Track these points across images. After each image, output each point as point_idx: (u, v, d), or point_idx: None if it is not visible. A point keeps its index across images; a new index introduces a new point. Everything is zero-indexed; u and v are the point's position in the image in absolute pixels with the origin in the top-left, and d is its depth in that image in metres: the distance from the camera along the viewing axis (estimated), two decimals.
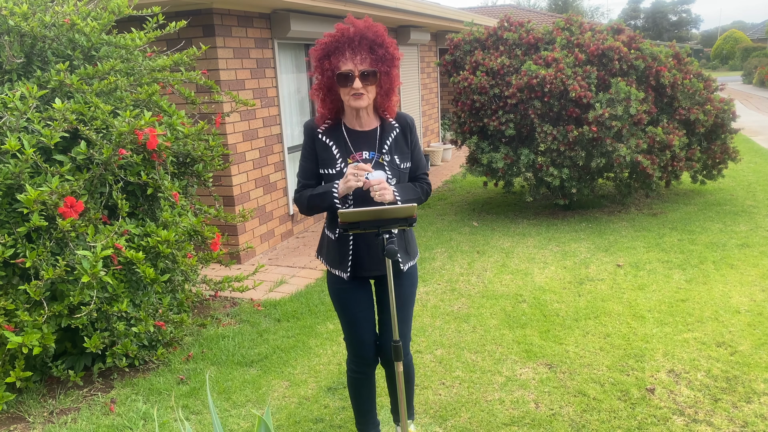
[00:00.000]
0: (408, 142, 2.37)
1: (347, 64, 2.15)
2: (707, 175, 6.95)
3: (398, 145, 2.34)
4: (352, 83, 2.15)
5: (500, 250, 5.62)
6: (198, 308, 4.60)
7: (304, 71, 6.85)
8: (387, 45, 2.19)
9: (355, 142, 2.31)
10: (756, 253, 5.17)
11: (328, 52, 2.19)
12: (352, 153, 2.30)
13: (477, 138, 6.62)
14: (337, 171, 2.30)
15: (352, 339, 2.48)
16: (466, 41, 7.07)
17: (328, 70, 2.19)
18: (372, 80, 2.18)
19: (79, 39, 3.54)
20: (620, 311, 4.14)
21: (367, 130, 2.33)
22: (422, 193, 2.41)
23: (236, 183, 5.54)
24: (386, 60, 2.19)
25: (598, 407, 3.02)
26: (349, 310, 2.43)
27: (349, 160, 2.29)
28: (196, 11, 5.16)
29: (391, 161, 2.30)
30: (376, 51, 2.17)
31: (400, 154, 2.34)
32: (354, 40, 2.15)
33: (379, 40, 2.18)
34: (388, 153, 2.31)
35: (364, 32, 2.16)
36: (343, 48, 2.15)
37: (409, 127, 2.37)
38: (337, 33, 2.18)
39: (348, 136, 2.32)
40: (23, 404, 3.28)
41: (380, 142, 2.32)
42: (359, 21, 2.20)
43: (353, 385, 2.59)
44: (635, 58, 6.13)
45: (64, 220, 2.93)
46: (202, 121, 3.96)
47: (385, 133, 2.33)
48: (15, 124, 3.05)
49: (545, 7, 54.13)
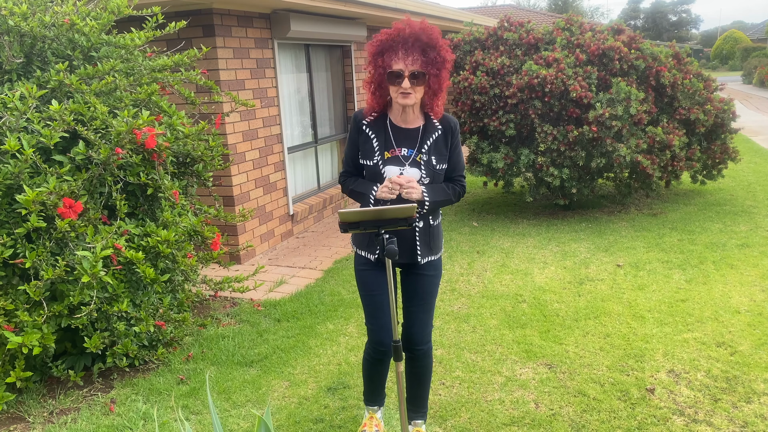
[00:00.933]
0: (448, 144, 2.44)
1: (399, 64, 2.24)
2: (707, 175, 6.95)
3: (437, 147, 2.41)
4: (402, 82, 2.25)
5: (500, 250, 5.62)
6: (198, 308, 4.60)
7: (304, 71, 6.85)
8: (439, 48, 2.27)
9: (397, 137, 2.41)
10: (756, 253, 5.17)
11: (382, 49, 2.28)
12: (392, 148, 2.39)
13: (477, 138, 6.62)
14: (374, 163, 2.39)
15: (373, 323, 2.53)
16: (466, 41, 7.07)
17: (380, 67, 2.29)
18: (421, 81, 2.27)
19: (78, 39, 3.54)
20: (620, 311, 4.14)
21: (411, 128, 2.42)
22: (453, 194, 2.48)
23: (236, 183, 5.54)
24: (437, 63, 2.27)
25: (598, 407, 3.02)
26: (372, 292, 2.50)
27: (386, 154, 2.39)
28: (196, 11, 5.16)
29: (427, 161, 2.38)
30: (428, 53, 2.25)
31: (438, 155, 2.41)
32: (408, 41, 2.24)
33: (432, 42, 2.25)
34: (426, 153, 2.38)
35: (419, 34, 2.24)
36: (397, 47, 2.24)
37: (451, 131, 2.44)
38: (393, 32, 2.27)
39: (391, 130, 2.41)
40: (23, 404, 3.28)
41: (422, 141, 2.40)
42: (415, 22, 2.28)
43: (368, 366, 2.68)
44: (635, 58, 6.13)
45: (62, 220, 2.93)
46: (202, 121, 3.96)
47: (427, 133, 2.41)
48: (15, 124, 3.05)
49: (545, 7, 54.14)
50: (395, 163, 2.39)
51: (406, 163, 2.37)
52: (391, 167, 2.38)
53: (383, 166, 2.38)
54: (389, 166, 2.38)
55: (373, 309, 2.51)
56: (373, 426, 2.80)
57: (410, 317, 2.57)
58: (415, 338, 2.57)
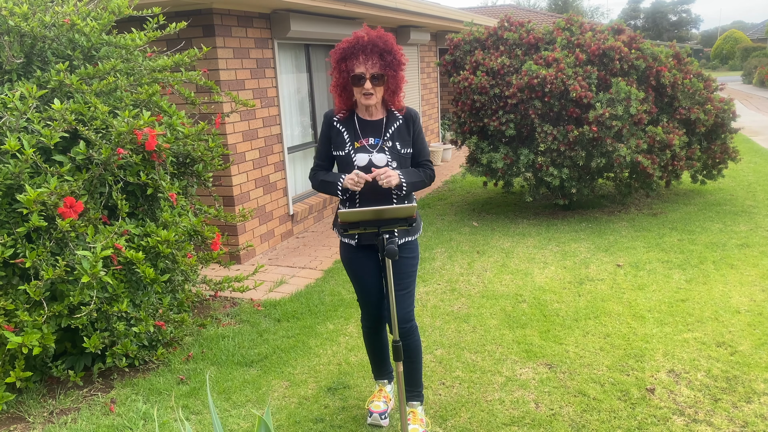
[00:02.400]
0: (410, 131, 2.72)
1: (360, 68, 2.53)
2: (707, 174, 6.95)
3: (400, 134, 2.70)
4: (364, 83, 2.54)
5: (500, 250, 5.62)
6: (198, 308, 4.60)
7: (304, 71, 6.85)
8: (395, 52, 2.58)
9: (364, 129, 2.70)
10: (756, 253, 5.17)
11: (345, 55, 2.56)
12: (360, 138, 2.68)
13: (477, 138, 6.62)
14: (345, 153, 2.67)
15: (362, 300, 2.86)
16: (466, 41, 7.07)
17: (344, 72, 2.58)
18: (380, 82, 2.57)
19: (79, 39, 3.54)
20: (620, 311, 4.14)
21: (375, 120, 2.71)
22: (425, 176, 2.74)
23: (236, 183, 5.54)
24: (393, 65, 2.57)
25: (598, 407, 3.02)
26: (358, 276, 2.80)
27: (356, 144, 2.68)
28: (196, 11, 5.16)
29: (392, 147, 2.67)
30: (385, 57, 2.55)
31: (401, 141, 2.69)
32: (367, 48, 2.52)
33: (388, 47, 2.55)
34: (390, 139, 2.68)
35: (376, 41, 2.53)
36: (358, 53, 2.53)
37: (412, 119, 2.74)
38: (353, 39, 2.55)
39: (359, 124, 2.70)
40: (23, 404, 3.28)
41: (384, 130, 2.70)
42: (372, 31, 2.59)
43: (367, 339, 2.97)
44: (636, 58, 6.13)
45: (63, 220, 2.93)
46: (202, 121, 3.97)
47: (389, 122, 2.71)
48: (15, 124, 3.05)
49: (545, 7, 54.13)
50: (364, 151, 2.66)
51: (374, 150, 2.65)
52: (361, 155, 2.65)
53: (354, 153, 2.67)
54: (359, 154, 2.66)
55: (360, 288, 2.82)
56: (381, 398, 3.03)
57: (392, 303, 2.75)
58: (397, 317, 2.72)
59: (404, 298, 2.74)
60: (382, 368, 3.08)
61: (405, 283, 2.74)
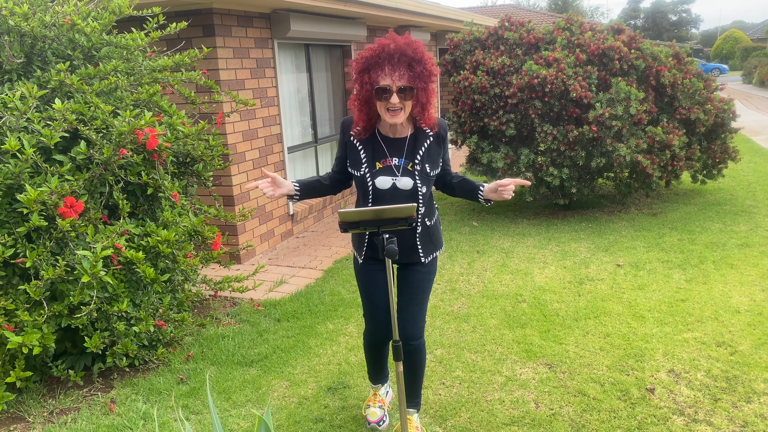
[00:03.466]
0: (441, 150, 2.47)
1: (386, 80, 2.21)
2: (707, 174, 6.95)
3: (430, 155, 2.42)
4: (390, 98, 2.22)
5: (500, 250, 5.62)
6: (198, 308, 4.60)
7: (304, 71, 6.85)
8: (425, 62, 2.25)
9: (388, 147, 2.41)
10: (756, 253, 5.17)
11: (368, 66, 2.25)
12: (384, 158, 2.40)
13: (477, 138, 6.62)
14: (361, 174, 2.41)
15: (369, 316, 2.67)
16: (466, 41, 7.07)
17: (367, 84, 2.26)
18: (409, 95, 2.25)
19: (79, 39, 3.54)
20: (620, 311, 4.14)
21: (400, 137, 2.41)
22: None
23: (236, 183, 5.54)
24: (423, 76, 2.25)
25: (598, 407, 3.02)
26: (367, 290, 2.62)
27: (378, 165, 2.39)
28: (196, 11, 5.16)
29: (422, 170, 2.39)
30: (414, 68, 2.23)
31: (431, 162, 2.42)
32: (394, 57, 2.21)
33: (418, 56, 2.23)
34: (420, 162, 2.39)
35: (404, 49, 2.22)
36: (383, 63, 2.21)
37: (443, 136, 2.47)
38: (378, 48, 2.23)
39: (382, 141, 2.41)
40: (23, 404, 3.29)
41: (413, 151, 2.40)
42: (399, 37, 2.26)
43: (368, 348, 2.82)
44: (636, 57, 6.13)
45: (63, 220, 2.93)
46: (202, 121, 3.97)
47: (418, 141, 2.41)
48: (15, 124, 3.05)
49: (545, 7, 54.13)
50: (388, 173, 2.37)
51: (399, 173, 2.37)
52: (383, 178, 2.37)
53: (371, 178, 2.38)
54: (381, 177, 2.37)
55: (369, 304, 2.64)
56: (376, 402, 2.98)
57: (403, 312, 2.63)
58: (407, 333, 2.62)
59: (417, 313, 2.58)
60: (380, 374, 2.99)
61: (419, 298, 2.58)
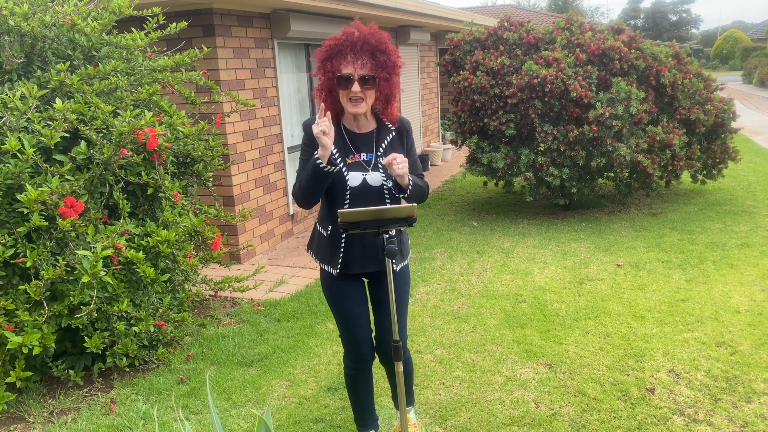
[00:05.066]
0: (404, 145, 2.41)
1: (348, 68, 2.18)
2: (707, 174, 6.95)
3: (393, 148, 2.38)
4: (352, 86, 2.19)
5: (500, 250, 5.62)
6: (198, 308, 4.60)
7: (304, 71, 6.85)
8: (389, 52, 2.23)
9: (355, 142, 2.36)
10: (756, 253, 5.17)
11: (331, 54, 2.22)
12: (351, 154, 2.34)
13: (477, 138, 6.62)
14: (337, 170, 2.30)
15: (347, 335, 2.48)
16: (466, 41, 7.07)
17: (330, 72, 2.23)
18: (371, 85, 2.22)
19: (79, 39, 3.54)
20: (620, 311, 4.14)
21: (365, 132, 2.37)
22: (425, 185, 2.43)
23: (236, 183, 5.54)
24: (387, 67, 2.22)
25: (598, 407, 3.02)
26: (342, 307, 2.45)
27: (348, 159, 2.32)
28: (196, 11, 5.16)
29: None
30: (377, 57, 2.21)
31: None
32: (357, 45, 2.19)
33: (382, 46, 2.21)
34: (383, 155, 2.35)
35: (368, 38, 2.20)
36: (346, 51, 2.19)
37: (405, 131, 2.42)
38: (342, 36, 2.21)
39: (347, 136, 2.36)
40: (23, 404, 3.29)
41: (376, 145, 2.36)
42: (364, 27, 2.24)
43: (350, 381, 2.59)
44: (636, 57, 6.13)
45: (64, 220, 2.93)
46: (202, 121, 3.97)
47: (381, 135, 2.37)
48: (15, 124, 3.05)
49: (545, 7, 54.11)
50: (358, 169, 2.32)
51: (369, 168, 2.32)
52: (354, 173, 2.31)
53: (348, 170, 2.31)
54: (352, 172, 2.31)
55: (345, 321, 2.45)
56: None
57: (383, 326, 2.52)
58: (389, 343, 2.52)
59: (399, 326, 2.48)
60: (367, 415, 2.67)
61: (401, 311, 2.49)
